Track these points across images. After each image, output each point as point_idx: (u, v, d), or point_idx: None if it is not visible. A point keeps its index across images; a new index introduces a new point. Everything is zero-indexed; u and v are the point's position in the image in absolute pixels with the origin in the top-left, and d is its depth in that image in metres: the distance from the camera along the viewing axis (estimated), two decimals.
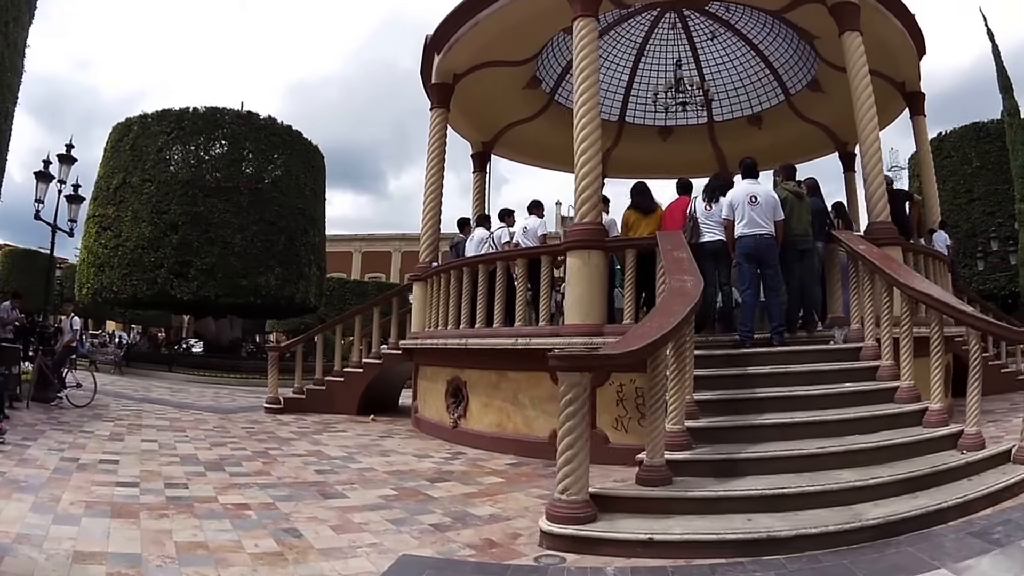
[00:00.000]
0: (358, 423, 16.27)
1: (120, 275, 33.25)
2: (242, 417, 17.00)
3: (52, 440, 11.57)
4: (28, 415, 14.55)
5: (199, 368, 33.59)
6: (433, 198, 16.27)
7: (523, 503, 8.24)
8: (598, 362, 7.11)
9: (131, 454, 10.83)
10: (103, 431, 13.14)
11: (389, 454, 11.92)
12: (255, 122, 36.07)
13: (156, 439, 12.60)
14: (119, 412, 16.59)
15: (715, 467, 7.46)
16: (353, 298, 53.62)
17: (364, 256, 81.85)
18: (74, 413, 15.64)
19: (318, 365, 19.25)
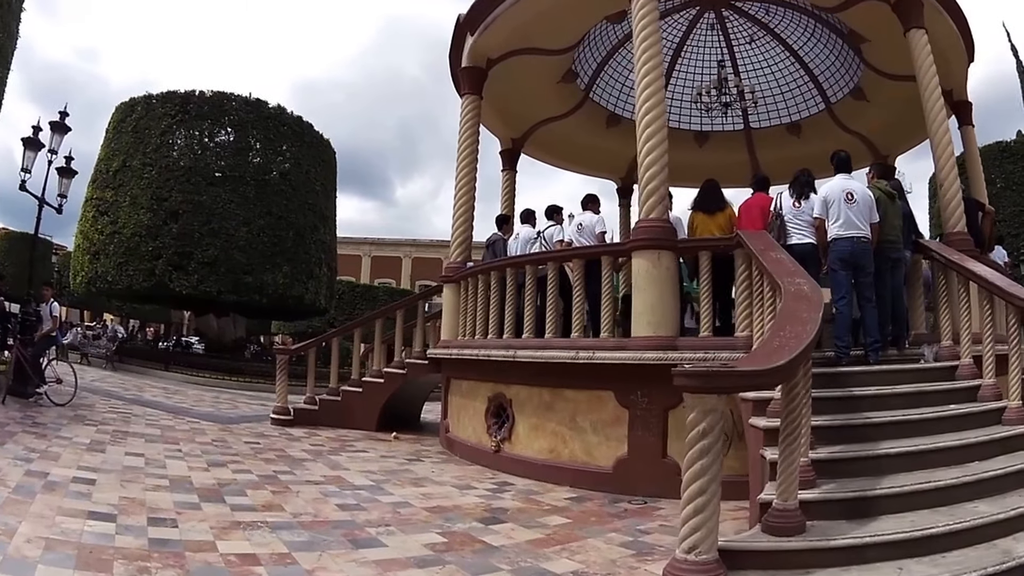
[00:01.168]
0: (379, 441, 14.87)
1: (116, 264, 31.70)
2: (245, 429, 15.38)
3: (21, 446, 10.09)
4: (2, 412, 13.17)
5: (198, 368, 32.30)
6: (466, 192, 15.12)
7: (606, 554, 6.87)
8: (741, 381, 5.90)
9: (111, 471, 9.18)
10: (83, 438, 11.54)
11: (424, 483, 10.44)
12: (264, 111, 34.67)
13: (143, 452, 10.92)
14: (105, 415, 15.06)
15: (847, 507, 6.45)
16: (363, 303, 53.19)
17: (374, 261, 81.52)
18: (53, 413, 14.16)
19: (333, 373, 17.69)
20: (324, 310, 39.70)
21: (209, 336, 40.09)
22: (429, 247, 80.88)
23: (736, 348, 9.36)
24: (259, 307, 35.82)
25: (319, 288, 36.39)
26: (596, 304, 11.30)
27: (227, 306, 35.07)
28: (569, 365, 10.74)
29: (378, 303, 50.91)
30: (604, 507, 9.07)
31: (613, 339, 10.74)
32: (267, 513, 7.85)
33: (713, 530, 5.31)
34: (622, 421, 10.27)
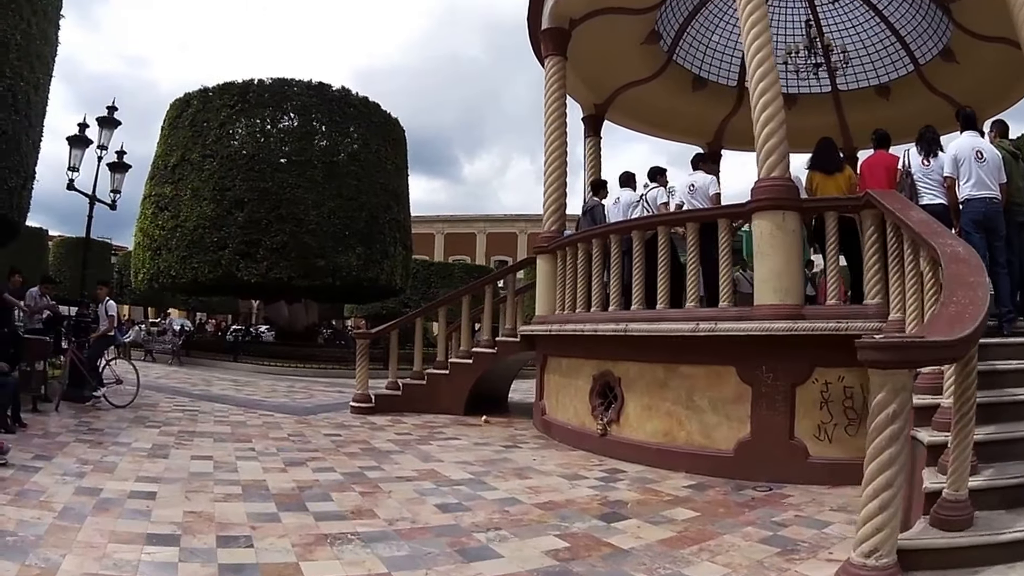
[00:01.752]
0: (469, 426, 14.09)
1: (179, 258, 31.54)
2: (324, 420, 14.47)
3: (72, 458, 9.01)
4: (55, 420, 12.23)
5: (269, 357, 31.95)
6: (556, 157, 14.23)
7: (749, 553, 6.08)
8: (933, 353, 5.10)
9: (175, 481, 8.10)
10: (143, 443, 10.51)
11: (527, 474, 9.51)
12: (327, 94, 34.09)
13: (211, 455, 9.88)
14: (169, 414, 14.13)
15: (1006, 496, 5.80)
16: (438, 280, 53.52)
17: (447, 238, 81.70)
18: (112, 416, 13.21)
19: (417, 355, 16.89)
20: (400, 290, 39.01)
21: (280, 324, 39.95)
22: (503, 222, 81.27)
23: (868, 317, 8.82)
24: (332, 291, 35.27)
25: (394, 268, 35.81)
26: (713, 271, 10.41)
27: (299, 292, 34.50)
28: (687, 339, 9.95)
29: (454, 281, 51.50)
30: (729, 496, 8.30)
31: (735, 308, 9.99)
32: (357, 521, 6.78)
33: (896, 530, 4.72)
34: (744, 399, 9.48)
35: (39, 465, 8.41)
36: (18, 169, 14.59)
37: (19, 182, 14.73)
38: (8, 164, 14.03)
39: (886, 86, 17.86)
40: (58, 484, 7.54)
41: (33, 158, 15.51)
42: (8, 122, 13.74)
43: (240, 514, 6.79)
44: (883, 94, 17.85)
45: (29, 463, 8.45)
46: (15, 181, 14.52)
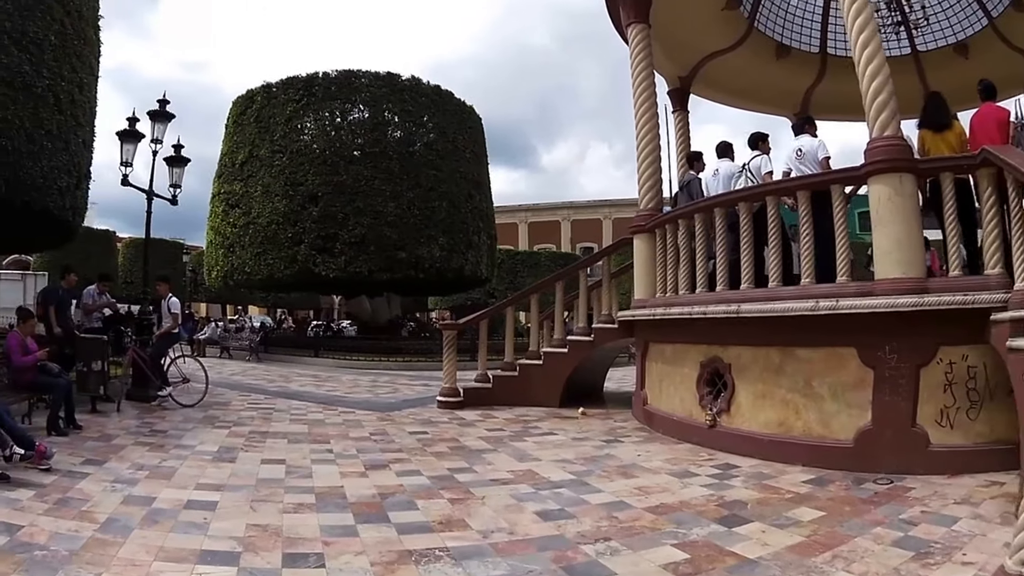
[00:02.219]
0: (565, 419, 13.08)
1: (253, 255, 31.52)
2: (409, 416, 13.65)
3: (127, 463, 8.36)
4: (114, 421, 11.64)
5: (351, 352, 31.35)
6: (649, 130, 13.40)
7: (884, 559, 5.38)
8: None
9: (240, 488, 7.30)
10: (209, 445, 9.78)
11: (633, 472, 8.60)
12: (397, 83, 33.48)
13: (284, 458, 9.07)
14: (241, 413, 13.50)
15: None
16: (524, 270, 53.70)
17: (531, 227, 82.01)
18: (178, 416, 12.63)
19: (508, 345, 15.93)
20: (485, 280, 38.67)
21: (362, 318, 39.66)
22: (587, 208, 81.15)
23: (991, 288, 7.96)
24: (415, 283, 34.66)
25: (479, 258, 35.44)
26: (827, 243, 9.47)
27: (380, 285, 34.26)
28: (804, 319, 9.05)
29: (541, 269, 51.48)
30: (851, 491, 7.51)
31: (854, 284, 9.14)
32: (447, 534, 5.90)
33: None
34: (866, 384, 8.64)
35: (87, 471, 7.80)
36: (69, 169, 14.43)
37: (71, 181, 14.63)
38: (57, 164, 13.88)
39: (963, 43, 17.03)
40: (105, 492, 6.88)
41: (85, 157, 15.37)
42: (52, 121, 13.63)
43: (312, 527, 5.97)
44: (961, 52, 17.01)
45: (77, 468, 7.87)
46: (66, 180, 14.35)
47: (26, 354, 10.24)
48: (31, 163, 13.16)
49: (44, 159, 13.44)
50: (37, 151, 13.27)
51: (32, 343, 10.60)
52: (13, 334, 10.52)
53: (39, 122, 13.26)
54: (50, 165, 13.62)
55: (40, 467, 7.53)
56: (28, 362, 10.19)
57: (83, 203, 15.71)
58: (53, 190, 13.86)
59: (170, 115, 16.43)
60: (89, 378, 12.29)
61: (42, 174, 13.45)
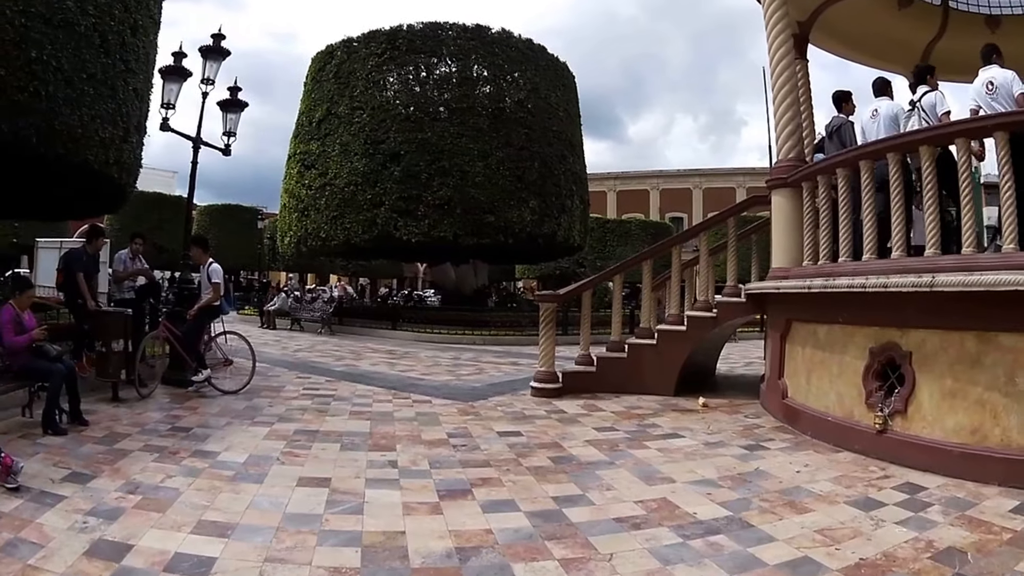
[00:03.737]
0: (685, 412, 11.02)
1: (328, 218, 30.02)
2: (497, 408, 11.43)
3: (120, 480, 6.52)
4: (132, 414, 9.80)
5: (432, 324, 29.30)
6: (785, 67, 11.68)
7: None
8: None
9: (255, 533, 5.28)
10: (236, 452, 7.78)
11: (800, 501, 6.48)
12: (486, 36, 31.68)
13: (331, 475, 6.97)
14: (292, 402, 11.48)
15: None
16: (614, 239, 53.44)
17: (619, 196, 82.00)
18: (215, 406, 10.74)
19: (615, 322, 13.72)
20: (578, 247, 36.69)
21: (446, 287, 37.91)
22: (677, 177, 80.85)
23: None
24: (504, 249, 32.80)
25: (572, 223, 33.35)
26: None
27: (466, 251, 32.44)
28: (1008, 296, 7.07)
29: (631, 239, 52.45)
30: None
31: None
32: None
33: None
34: None
35: (64, 492, 6.05)
36: (114, 119, 12.90)
37: (116, 133, 13.05)
38: (99, 112, 12.39)
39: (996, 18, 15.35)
40: (71, 533, 5.13)
41: (137, 108, 13.88)
42: (96, 65, 12.19)
43: None
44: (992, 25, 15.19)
45: (53, 487, 6.17)
46: (110, 132, 12.78)
47: (20, 333, 8.44)
48: (68, 111, 11.68)
49: (84, 107, 11.95)
50: (76, 97, 11.80)
51: (29, 318, 8.81)
52: (6, 308, 8.69)
53: (80, 65, 11.81)
54: (91, 114, 12.10)
55: (6, 485, 5.92)
56: (20, 343, 8.41)
57: (133, 159, 14.12)
58: (94, 141, 12.31)
59: (224, 51, 14.32)
60: (109, 361, 10.54)
61: (81, 123, 11.93)
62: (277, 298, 33.84)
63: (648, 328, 13.06)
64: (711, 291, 12.89)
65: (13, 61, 10.69)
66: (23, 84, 10.86)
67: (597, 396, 12.08)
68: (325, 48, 32.89)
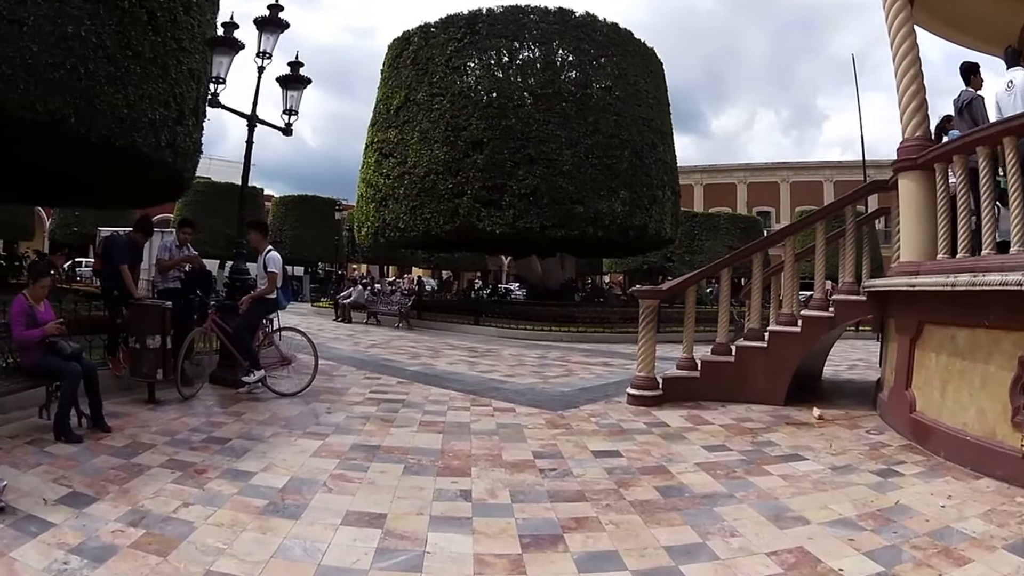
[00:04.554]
0: (799, 426, 9.71)
1: (407, 208, 29.25)
2: (589, 418, 10.10)
3: (123, 507, 5.49)
4: (165, 419, 8.81)
5: (517, 319, 27.81)
6: (907, 34, 10.51)
7: None
8: None
9: None
10: (275, 473, 6.62)
11: (958, 550, 5.25)
12: (570, 20, 30.51)
13: (385, 510, 5.72)
14: (355, 408, 10.24)
15: None
16: (703, 233, 52.88)
17: (706, 189, 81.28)
18: (263, 412, 9.61)
19: (721, 322, 12.15)
20: (670, 240, 35.40)
21: (532, 281, 36.86)
22: (763, 170, 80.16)
23: None
24: (592, 242, 31.42)
25: (663, 215, 32.09)
26: None
27: (553, 244, 31.33)
28: None
29: (720, 232, 52.79)
30: None
31: None
32: None
33: None
34: None
35: (53, 519, 5.12)
36: (166, 100, 12.94)
37: (168, 115, 13.09)
38: (148, 92, 12.36)
39: None
40: None
41: (192, 89, 13.96)
42: (144, 43, 12.13)
43: None
44: None
45: (42, 511, 5.26)
46: (161, 113, 12.78)
47: (32, 326, 7.51)
48: (112, 90, 11.51)
49: (131, 86, 11.85)
50: (121, 76, 11.66)
51: (46, 310, 7.89)
52: (18, 298, 7.75)
53: (125, 42, 11.70)
54: (138, 94, 12.02)
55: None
56: (32, 337, 7.49)
57: (189, 143, 13.88)
58: (142, 123, 12.18)
59: (282, 23, 12.79)
60: (143, 358, 9.55)
61: (127, 103, 11.80)
62: (353, 290, 32.88)
63: (757, 329, 11.66)
64: (827, 288, 11.55)
65: (46, 37, 10.37)
66: (58, 61, 10.58)
67: (701, 405, 10.82)
68: (401, 35, 32.29)
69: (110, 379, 9.75)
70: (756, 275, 12.00)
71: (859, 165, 70.39)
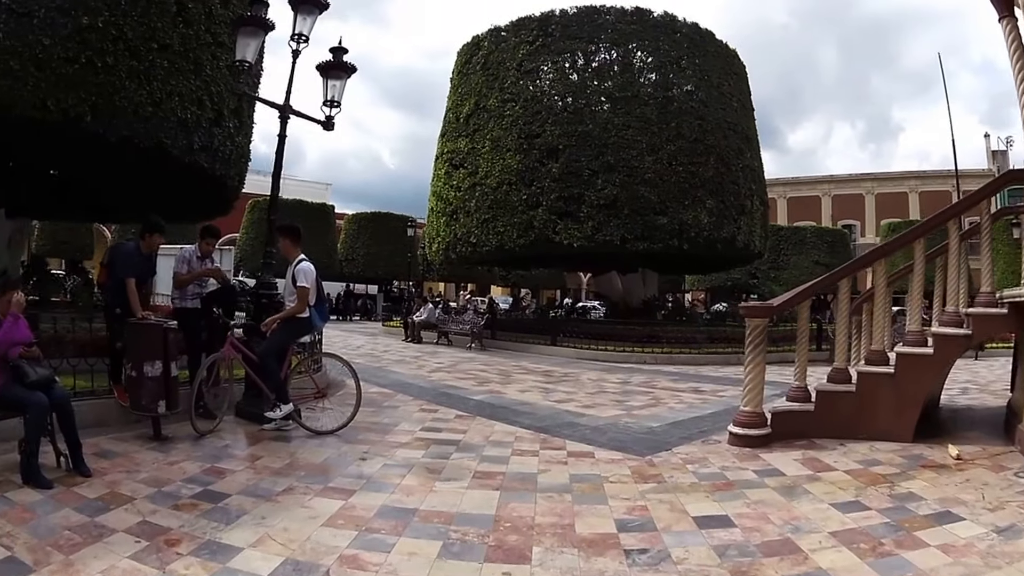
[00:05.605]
0: (936, 469, 7.86)
1: (479, 221, 27.91)
2: (686, 465, 8.25)
3: None
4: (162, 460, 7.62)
5: (597, 339, 25.73)
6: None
7: None
8: None
9: None
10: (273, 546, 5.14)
11: None
12: (649, 20, 29.10)
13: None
14: (397, 452, 8.53)
15: None
16: (788, 247, 52.69)
17: (789, 202, 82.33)
18: (286, 455, 8.15)
19: (839, 344, 10.31)
20: (759, 254, 33.32)
21: (612, 298, 35.31)
22: (848, 182, 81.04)
23: None
24: (676, 256, 29.91)
25: (752, 227, 30.20)
26: None
27: (634, 258, 29.95)
28: None
29: (806, 247, 52.58)
30: None
31: None
32: None
33: None
34: None
35: None
36: (199, 98, 11.99)
37: (203, 115, 12.15)
38: (177, 89, 11.46)
39: None
40: None
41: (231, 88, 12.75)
42: (172, 35, 11.30)
43: None
44: None
45: None
46: (193, 112, 11.84)
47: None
48: (134, 85, 10.70)
49: (156, 81, 11.03)
50: (145, 70, 10.85)
51: (9, 327, 6.61)
52: None
53: (150, 33, 10.86)
54: (165, 90, 11.14)
55: None
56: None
57: (230, 148, 13.18)
58: (170, 122, 11.25)
59: (322, 2, 11.37)
60: (142, 388, 8.28)
61: (152, 101, 10.94)
62: (424, 308, 31.81)
63: (881, 351, 9.80)
64: (963, 300, 9.54)
65: (59, 29, 9.74)
66: (72, 55, 9.87)
67: (815, 444, 8.99)
68: (471, 39, 31.22)
69: (115, 410, 8.80)
70: (880, 286, 10.14)
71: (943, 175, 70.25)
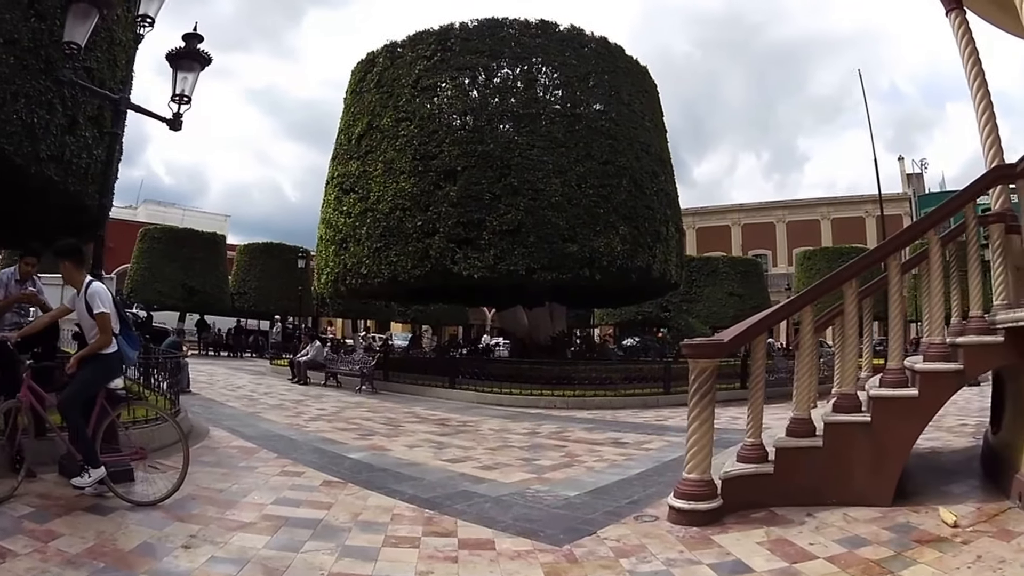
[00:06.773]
0: (932, 544, 6.23)
1: (371, 251, 26.48)
2: (618, 558, 6.25)
3: None
4: None
5: (501, 380, 23.76)
6: None
7: None
8: None
9: None
10: None
11: None
12: (554, 33, 28.34)
13: None
14: (233, 536, 6.52)
15: None
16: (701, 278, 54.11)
17: (699, 232, 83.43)
18: (95, 533, 6.31)
19: (801, 384, 8.29)
20: (675, 284, 32.45)
21: (518, 335, 33.76)
22: (759, 211, 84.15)
23: None
24: (587, 287, 28.57)
25: (668, 255, 29.23)
26: None
27: (541, 290, 28.46)
28: None
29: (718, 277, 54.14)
30: None
31: None
32: None
33: None
34: None
35: None
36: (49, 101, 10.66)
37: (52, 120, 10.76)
38: (23, 89, 10.22)
39: None
40: None
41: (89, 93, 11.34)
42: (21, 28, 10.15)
43: None
44: None
45: None
46: (40, 117, 10.45)
47: None
48: None
49: None
50: None
51: None
52: None
53: None
54: (10, 90, 9.95)
55: None
56: None
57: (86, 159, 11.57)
58: (13, 125, 9.91)
59: None
60: None
61: None
62: (311, 347, 29.85)
63: (852, 394, 8.02)
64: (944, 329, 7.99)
65: None
66: None
67: (777, 517, 7.13)
68: (366, 56, 30.19)
69: None
70: (849, 312, 8.37)
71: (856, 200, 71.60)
